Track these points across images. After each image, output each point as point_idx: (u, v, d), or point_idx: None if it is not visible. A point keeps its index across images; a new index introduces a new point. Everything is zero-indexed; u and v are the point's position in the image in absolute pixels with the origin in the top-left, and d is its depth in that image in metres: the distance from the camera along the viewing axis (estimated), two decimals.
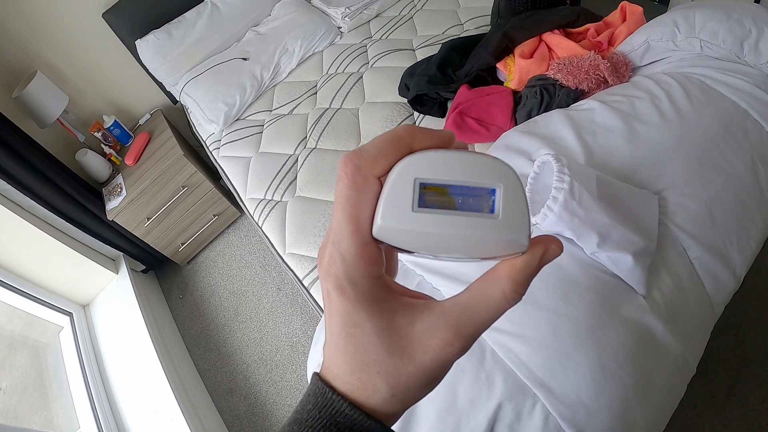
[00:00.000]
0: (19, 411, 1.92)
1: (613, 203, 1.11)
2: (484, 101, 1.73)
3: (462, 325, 0.30)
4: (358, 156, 0.29)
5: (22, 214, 2.19)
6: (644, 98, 1.41)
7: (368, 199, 0.29)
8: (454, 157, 0.28)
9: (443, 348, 0.30)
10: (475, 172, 0.28)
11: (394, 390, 0.31)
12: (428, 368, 0.30)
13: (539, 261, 0.29)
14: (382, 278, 0.31)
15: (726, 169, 1.24)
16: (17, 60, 2.37)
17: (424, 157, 0.28)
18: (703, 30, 1.51)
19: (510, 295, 0.29)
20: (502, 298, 0.29)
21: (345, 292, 0.30)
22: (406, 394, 0.31)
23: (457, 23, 2.44)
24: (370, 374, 0.31)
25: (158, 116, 2.88)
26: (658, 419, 1.03)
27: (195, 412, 2.07)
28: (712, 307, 1.16)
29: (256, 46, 2.66)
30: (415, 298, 0.32)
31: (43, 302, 2.30)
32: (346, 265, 0.29)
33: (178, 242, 2.79)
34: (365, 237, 0.29)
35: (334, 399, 0.31)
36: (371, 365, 0.30)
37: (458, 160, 0.28)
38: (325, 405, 0.32)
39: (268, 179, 2.10)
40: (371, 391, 0.31)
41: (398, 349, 0.30)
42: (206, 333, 2.62)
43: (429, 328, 0.30)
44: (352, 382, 0.31)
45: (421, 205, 0.28)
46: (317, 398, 0.32)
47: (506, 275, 0.29)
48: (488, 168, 0.28)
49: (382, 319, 0.30)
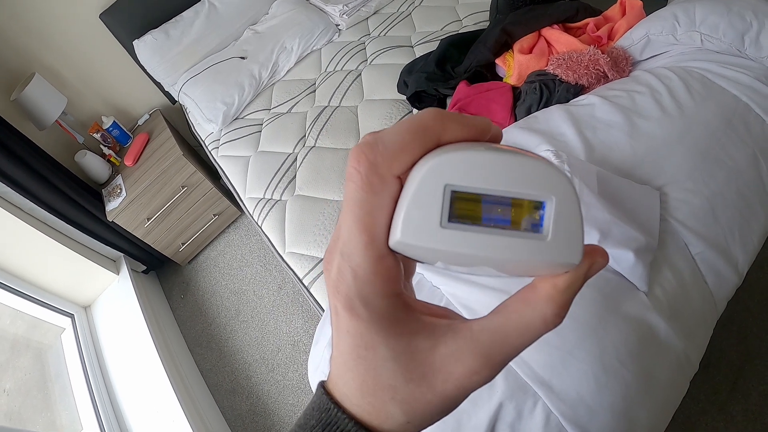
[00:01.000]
0: (23, 413, 1.93)
1: (614, 199, 1.10)
2: (483, 97, 1.72)
3: (492, 353, 0.26)
4: (373, 150, 0.24)
5: (23, 217, 2.19)
6: (645, 93, 1.40)
7: (385, 204, 0.24)
8: (496, 158, 0.23)
9: (469, 377, 0.26)
10: (521, 178, 0.23)
11: (409, 417, 0.27)
12: (450, 397, 0.27)
13: (584, 278, 0.25)
14: (401, 296, 0.27)
15: (728, 164, 1.23)
16: (15, 62, 2.37)
17: (457, 157, 0.23)
18: (703, 23, 1.49)
19: (551, 319, 0.25)
20: (541, 324, 0.26)
21: (357, 312, 0.26)
22: (422, 421, 0.28)
23: (455, 19, 2.43)
24: (383, 400, 0.27)
25: (157, 116, 2.88)
26: (660, 417, 1.03)
27: (197, 412, 2.07)
28: (715, 303, 1.15)
29: (254, 45, 2.66)
30: (438, 317, 0.29)
31: (45, 304, 2.30)
32: (359, 282, 0.25)
33: (178, 242, 2.79)
34: (381, 249, 0.25)
35: (339, 417, 0.28)
36: (385, 391, 0.27)
37: (500, 163, 0.23)
38: (329, 422, 0.28)
39: (267, 178, 2.10)
40: (384, 417, 0.27)
41: (417, 375, 0.27)
42: (208, 333, 2.62)
43: (453, 354, 0.26)
44: (362, 405, 0.28)
45: (451, 219, 0.23)
46: (321, 414, 0.29)
47: (548, 298, 0.25)
48: (538, 174, 0.23)
49: (399, 342, 0.27)
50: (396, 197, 0.24)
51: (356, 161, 0.24)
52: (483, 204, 0.23)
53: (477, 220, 0.23)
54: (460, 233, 0.23)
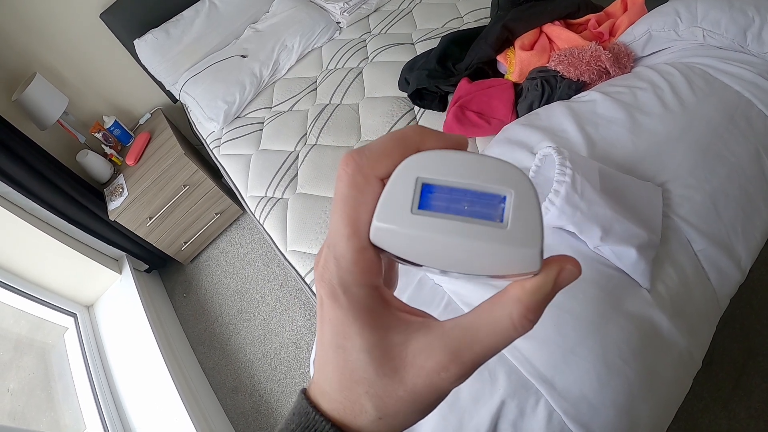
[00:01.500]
0: (27, 412, 1.93)
1: (616, 196, 1.10)
2: (484, 94, 1.72)
3: (461, 349, 0.27)
4: (360, 154, 0.27)
5: (25, 217, 2.19)
6: (646, 89, 1.40)
7: (368, 201, 0.26)
8: (463, 158, 0.26)
9: (438, 373, 0.27)
10: (485, 175, 0.25)
11: (381, 413, 0.28)
12: (420, 393, 0.28)
13: (553, 283, 0.26)
14: (378, 289, 0.29)
15: (730, 160, 1.23)
16: (16, 63, 2.37)
17: (430, 156, 0.26)
18: (705, 19, 1.49)
19: (518, 320, 0.26)
20: (509, 324, 0.26)
21: (338, 300, 0.28)
22: (395, 418, 0.29)
23: (456, 16, 2.42)
24: (357, 393, 0.28)
25: (158, 116, 2.87)
26: (663, 414, 1.03)
27: (200, 411, 2.07)
28: (718, 300, 1.15)
29: (254, 43, 2.65)
30: (413, 315, 0.30)
31: (48, 304, 2.30)
32: (341, 271, 0.27)
33: (180, 241, 2.79)
34: (363, 242, 0.27)
35: (317, 420, 0.30)
36: (359, 383, 0.28)
37: (467, 162, 0.26)
38: (308, 425, 0.30)
39: (269, 176, 2.09)
40: (358, 412, 0.29)
41: (389, 369, 0.28)
42: (210, 331, 2.63)
43: (424, 349, 0.27)
44: (339, 399, 0.29)
45: (422, 206, 0.25)
46: (300, 418, 0.31)
47: (516, 298, 0.26)
48: (500, 172, 0.25)
49: (374, 335, 0.28)
50: (378, 197, 0.26)
51: (345, 164, 0.27)
52: (450, 195, 0.26)
53: (444, 209, 0.25)
54: (429, 219, 0.25)
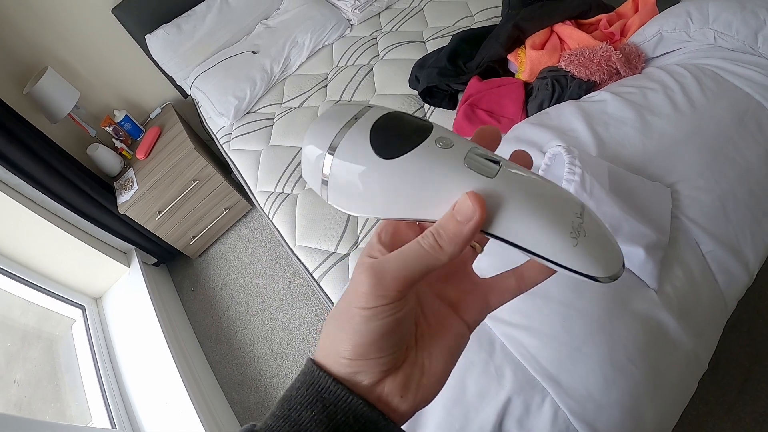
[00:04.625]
0: (33, 403, 1.95)
1: (625, 195, 1.10)
2: (495, 93, 1.72)
3: (384, 271, 0.31)
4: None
5: (35, 209, 2.21)
6: (657, 90, 1.39)
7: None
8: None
9: (368, 294, 0.31)
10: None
11: (351, 354, 0.32)
12: (360, 319, 0.31)
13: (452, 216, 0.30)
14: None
15: (739, 162, 1.22)
16: (28, 56, 2.39)
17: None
18: (716, 21, 1.48)
19: (422, 236, 0.31)
20: (417, 247, 0.31)
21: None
22: (361, 353, 0.32)
23: (467, 14, 2.42)
24: (329, 338, 0.34)
25: (169, 110, 2.89)
26: (668, 415, 1.03)
27: (206, 404, 2.08)
28: (725, 302, 1.14)
29: (265, 40, 2.66)
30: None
31: (56, 295, 2.32)
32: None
33: (189, 235, 2.81)
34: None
35: (320, 376, 0.33)
36: (333, 333, 0.34)
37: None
38: (312, 383, 0.33)
39: (278, 172, 2.10)
40: (333, 360, 0.33)
41: (347, 316, 0.32)
42: (217, 326, 2.64)
43: (357, 279, 0.31)
44: (322, 348, 0.35)
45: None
46: (305, 377, 0.34)
47: (432, 228, 0.31)
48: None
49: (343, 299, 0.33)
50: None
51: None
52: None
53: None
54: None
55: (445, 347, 0.36)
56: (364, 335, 0.31)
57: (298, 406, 0.32)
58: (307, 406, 0.32)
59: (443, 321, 0.37)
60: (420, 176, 0.32)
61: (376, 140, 0.33)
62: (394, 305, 0.31)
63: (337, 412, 0.31)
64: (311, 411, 0.32)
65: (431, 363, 0.35)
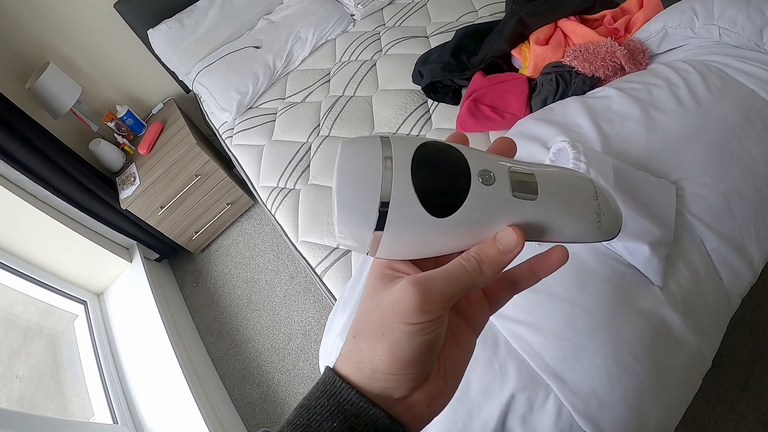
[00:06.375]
0: (36, 399, 1.95)
1: (630, 192, 1.09)
2: (498, 88, 1.71)
3: (431, 290, 0.32)
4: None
5: (37, 204, 2.21)
6: (662, 86, 1.38)
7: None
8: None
9: (409, 308, 0.32)
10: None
11: (390, 368, 0.32)
12: (412, 342, 0.32)
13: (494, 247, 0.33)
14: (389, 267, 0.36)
15: (744, 160, 1.21)
16: (30, 51, 2.38)
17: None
18: (721, 17, 1.48)
19: (466, 259, 0.33)
20: (460, 264, 0.33)
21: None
22: (401, 368, 0.32)
23: (471, 10, 2.41)
24: (362, 351, 0.34)
25: (171, 105, 2.88)
26: (672, 413, 1.02)
27: (208, 400, 2.09)
28: (729, 300, 1.14)
29: (268, 35, 2.65)
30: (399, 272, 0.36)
31: (58, 291, 2.32)
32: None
33: (191, 231, 2.81)
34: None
35: (342, 387, 0.33)
36: (363, 336, 0.34)
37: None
38: (333, 393, 0.33)
39: (281, 167, 2.10)
40: (365, 373, 0.33)
41: (386, 329, 0.32)
42: (219, 321, 2.64)
43: (403, 295, 0.32)
44: (346, 354, 0.35)
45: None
46: (325, 386, 0.34)
47: (473, 251, 0.34)
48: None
49: (373, 297, 0.35)
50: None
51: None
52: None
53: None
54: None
55: (460, 355, 0.38)
56: (407, 350, 0.32)
57: (319, 417, 0.32)
58: (328, 417, 0.32)
59: (457, 331, 0.38)
60: (478, 222, 0.34)
61: (424, 197, 0.32)
62: (437, 321, 0.32)
63: (358, 424, 0.32)
64: (332, 422, 0.32)
65: (452, 372, 0.36)
